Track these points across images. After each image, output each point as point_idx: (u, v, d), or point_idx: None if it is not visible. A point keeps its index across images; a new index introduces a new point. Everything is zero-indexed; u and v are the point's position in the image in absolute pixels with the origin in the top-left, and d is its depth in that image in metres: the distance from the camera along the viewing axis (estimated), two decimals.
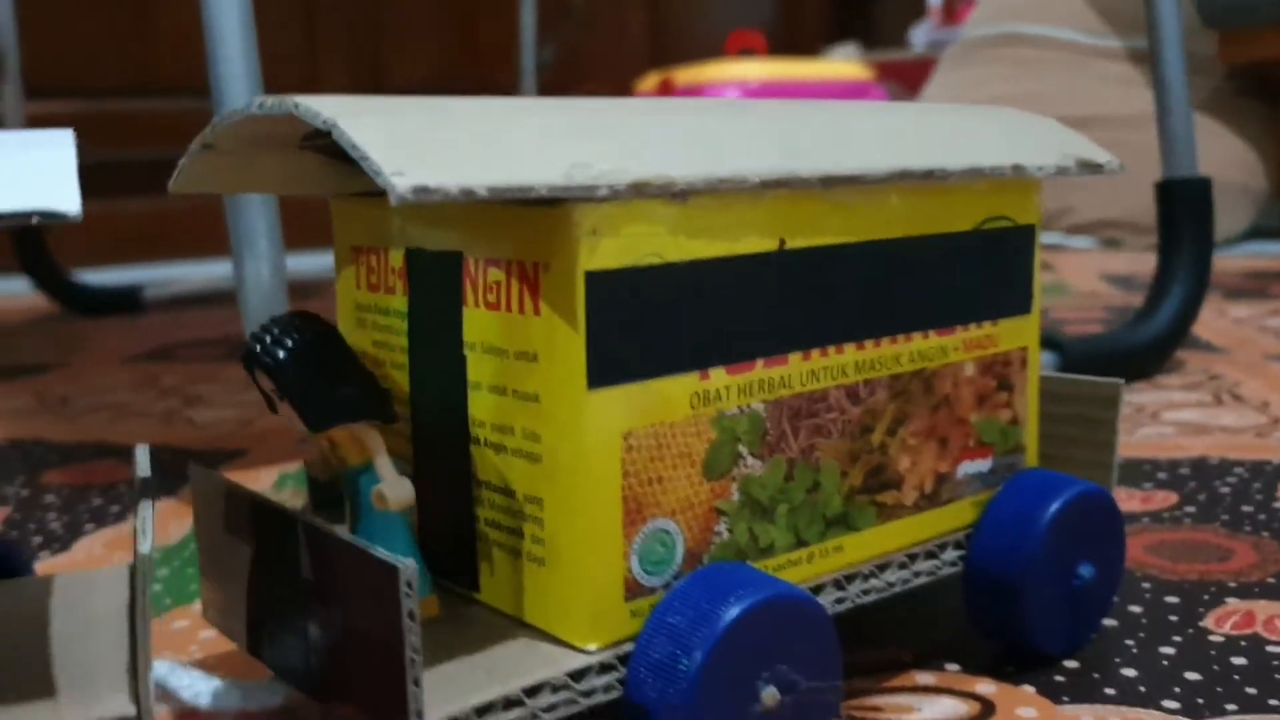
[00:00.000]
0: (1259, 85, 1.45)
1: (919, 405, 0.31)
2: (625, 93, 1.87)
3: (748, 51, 1.84)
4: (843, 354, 0.29)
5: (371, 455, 0.26)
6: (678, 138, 0.26)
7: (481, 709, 0.24)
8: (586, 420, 0.25)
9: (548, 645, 0.26)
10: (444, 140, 0.23)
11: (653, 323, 0.25)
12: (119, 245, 1.53)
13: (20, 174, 0.22)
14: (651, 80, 1.78)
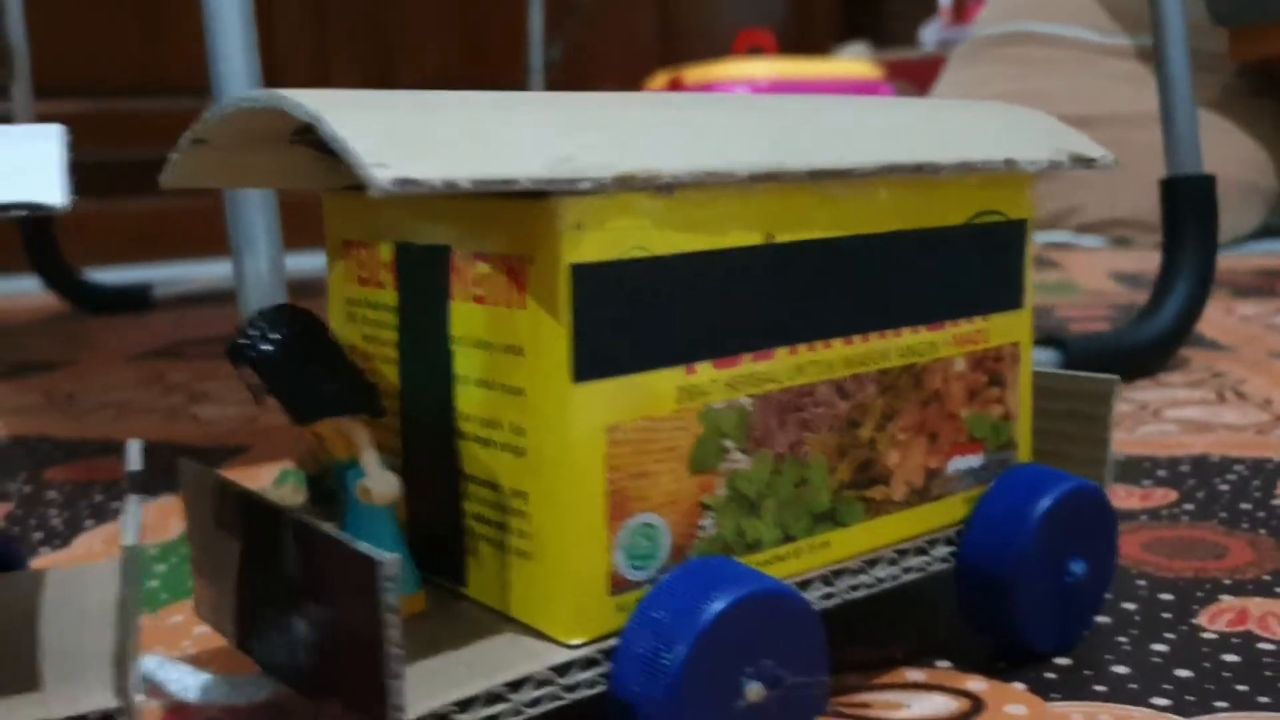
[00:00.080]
0: (1269, 83, 1.44)
1: (908, 400, 0.30)
2: (634, 91, 1.87)
3: (757, 50, 1.83)
4: (831, 349, 0.29)
5: (358, 450, 0.26)
6: (665, 131, 0.26)
7: (463, 703, 0.24)
8: (571, 414, 0.25)
9: (532, 640, 0.26)
10: (428, 133, 0.23)
11: (638, 316, 0.25)
12: (128, 244, 1.54)
13: (8, 167, 0.22)
14: (661, 79, 1.78)
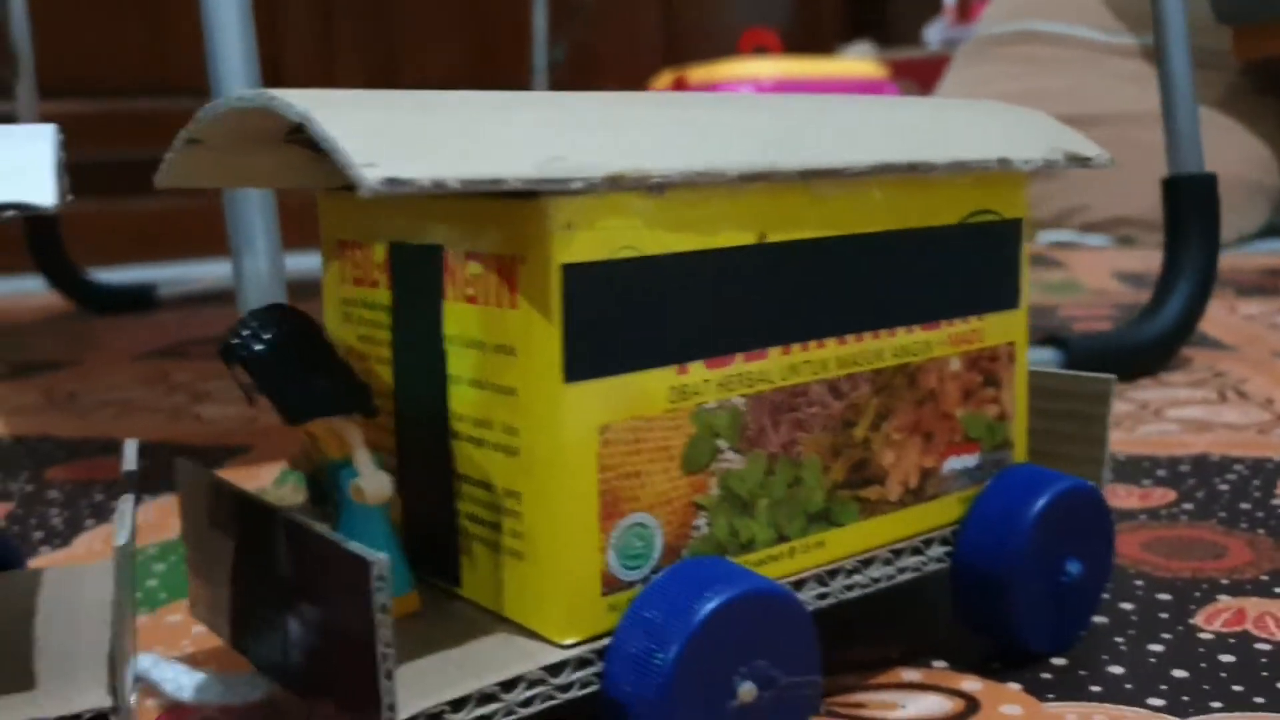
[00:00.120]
0: (1274, 81, 1.44)
1: (903, 400, 0.30)
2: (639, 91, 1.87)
3: (762, 50, 1.83)
4: (824, 348, 0.29)
5: (350, 449, 0.26)
6: (656, 131, 0.26)
7: (455, 703, 0.24)
8: (563, 414, 0.25)
9: (525, 640, 0.26)
10: (418, 133, 0.23)
11: (629, 316, 0.25)
12: (133, 244, 1.54)
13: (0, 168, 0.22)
14: (665, 79, 1.78)
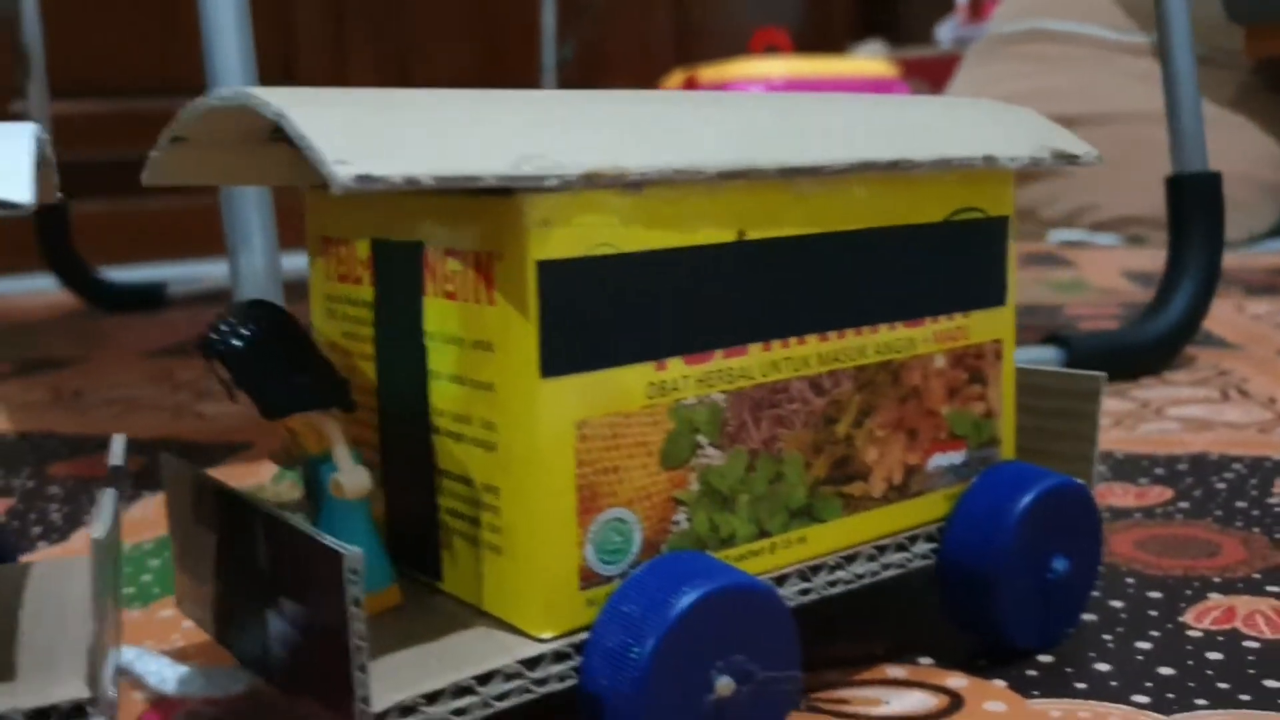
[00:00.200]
0: None
1: (886, 397, 0.30)
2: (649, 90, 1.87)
3: (773, 49, 1.83)
4: (805, 345, 0.29)
5: (330, 444, 0.26)
6: (634, 129, 0.26)
7: (430, 696, 0.24)
8: (540, 409, 0.25)
9: (504, 634, 0.26)
10: (394, 130, 0.23)
11: (607, 313, 0.25)
12: (144, 243, 1.55)
13: None
14: (676, 78, 1.78)
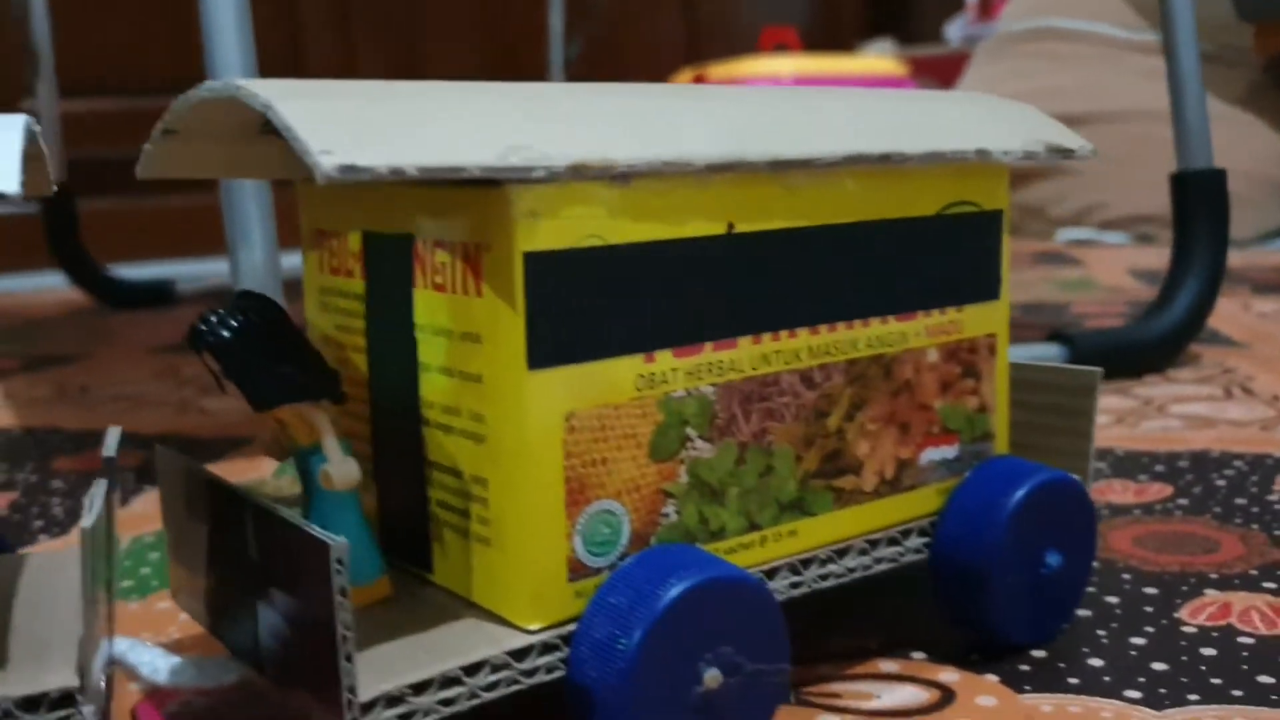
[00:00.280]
0: None
1: (878, 391, 0.30)
2: None
3: (782, 48, 1.83)
4: (796, 338, 0.29)
5: (319, 435, 0.26)
6: (622, 121, 0.26)
7: (417, 686, 0.24)
8: (527, 401, 0.25)
9: (492, 625, 0.26)
10: (381, 121, 0.23)
11: (595, 305, 0.25)
12: (154, 240, 1.55)
13: None
14: (685, 76, 1.78)
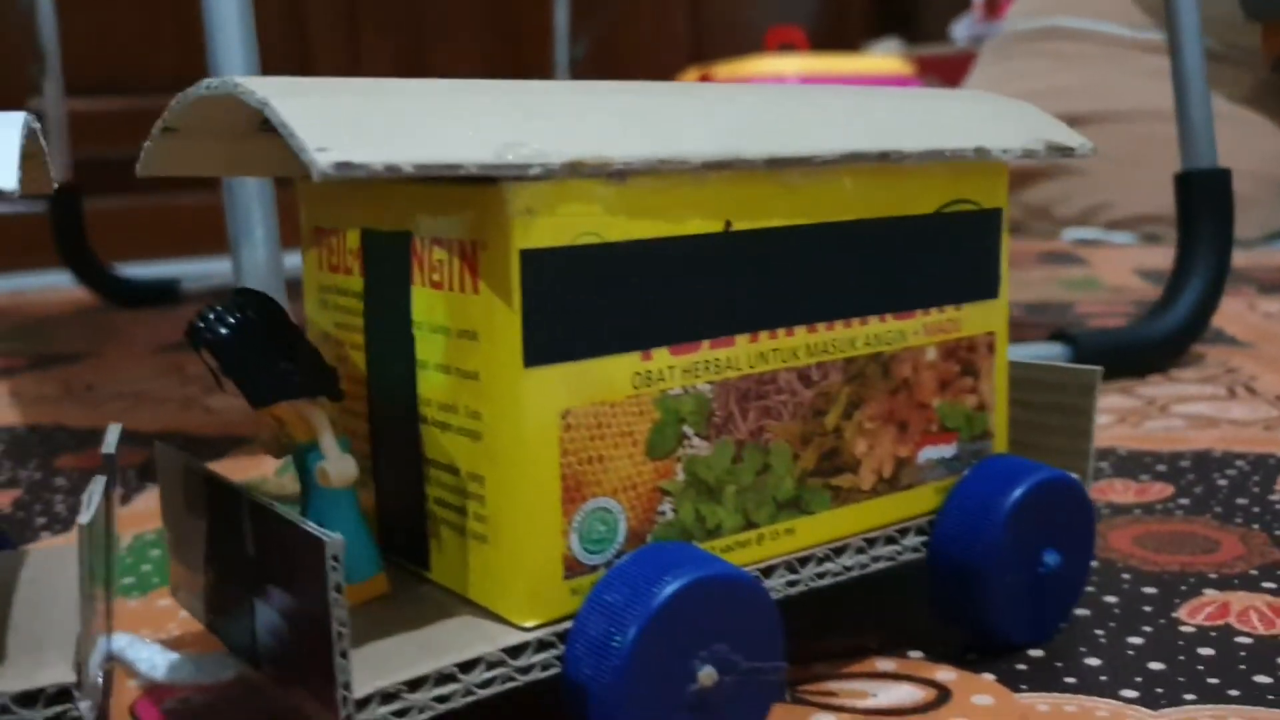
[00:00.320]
0: None
1: (876, 389, 0.30)
2: None
3: (788, 47, 1.83)
4: (793, 336, 0.29)
5: (316, 432, 0.26)
6: (619, 118, 0.26)
7: (412, 683, 0.24)
8: (524, 398, 0.25)
9: (488, 622, 0.26)
10: (377, 118, 0.23)
11: (591, 302, 0.25)
12: (160, 239, 1.56)
13: None
14: (691, 75, 1.78)
